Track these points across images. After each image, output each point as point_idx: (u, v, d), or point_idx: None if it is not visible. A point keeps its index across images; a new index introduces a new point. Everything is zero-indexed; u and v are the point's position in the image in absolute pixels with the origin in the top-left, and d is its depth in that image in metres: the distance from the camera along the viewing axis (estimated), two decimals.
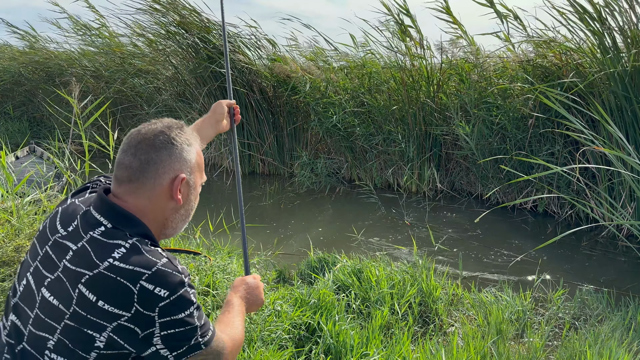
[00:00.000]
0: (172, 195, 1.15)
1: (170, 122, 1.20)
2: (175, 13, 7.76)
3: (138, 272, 1.00)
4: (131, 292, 0.99)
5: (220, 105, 1.73)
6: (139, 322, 1.00)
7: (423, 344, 2.82)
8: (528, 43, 5.81)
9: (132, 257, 1.02)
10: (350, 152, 7.50)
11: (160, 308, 1.01)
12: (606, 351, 2.65)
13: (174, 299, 1.02)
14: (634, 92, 4.86)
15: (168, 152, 1.14)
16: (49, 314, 1.02)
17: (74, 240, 1.06)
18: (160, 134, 1.15)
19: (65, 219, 1.12)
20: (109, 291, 0.99)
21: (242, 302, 1.38)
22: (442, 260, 4.61)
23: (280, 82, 7.67)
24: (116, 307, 0.99)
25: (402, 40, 6.61)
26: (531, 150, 5.90)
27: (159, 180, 1.13)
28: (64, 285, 1.02)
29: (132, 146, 1.14)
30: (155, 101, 9.12)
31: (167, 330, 1.03)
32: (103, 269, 1.00)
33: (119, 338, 1.00)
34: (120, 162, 1.14)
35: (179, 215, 1.19)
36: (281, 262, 4.35)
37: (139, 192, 1.12)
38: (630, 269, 4.56)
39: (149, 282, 1.00)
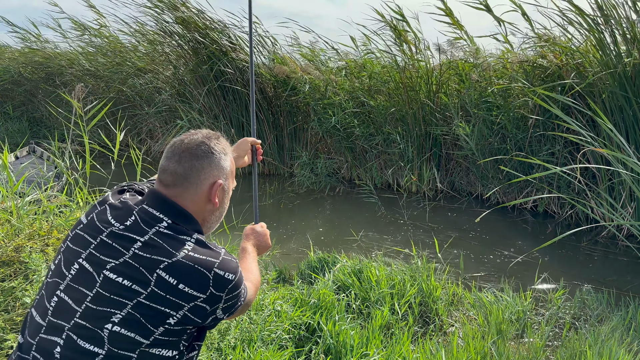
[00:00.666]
0: (210, 198, 1.31)
1: (209, 133, 1.35)
2: (176, 11, 7.76)
3: (211, 261, 1.19)
4: (207, 277, 1.17)
5: (246, 142, 1.87)
6: (210, 301, 1.19)
7: (423, 344, 2.82)
8: (528, 43, 5.81)
9: (202, 249, 1.21)
10: (350, 152, 7.50)
11: (229, 289, 1.21)
12: (606, 351, 2.65)
13: (237, 280, 1.23)
14: (633, 93, 4.86)
15: (208, 160, 1.30)
16: (116, 292, 1.14)
17: (138, 233, 1.21)
18: (201, 144, 1.30)
19: (119, 215, 1.25)
20: (189, 276, 1.16)
21: (254, 248, 1.66)
22: (442, 260, 4.61)
23: (280, 82, 7.68)
24: (195, 290, 1.16)
25: (398, 45, 6.61)
26: (531, 150, 5.90)
27: (200, 185, 1.29)
28: (138, 270, 1.15)
29: (176, 154, 1.29)
30: (155, 101, 9.13)
31: (228, 303, 1.24)
32: (181, 257, 1.17)
33: (192, 315, 1.17)
34: (165, 168, 1.29)
35: (214, 217, 1.37)
36: (281, 262, 4.35)
37: (183, 195, 1.28)
38: (630, 268, 4.56)
39: (220, 269, 1.20)
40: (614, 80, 4.97)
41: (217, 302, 1.21)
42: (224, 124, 8.23)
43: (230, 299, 1.25)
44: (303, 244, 4.97)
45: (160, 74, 9.22)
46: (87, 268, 1.19)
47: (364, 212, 6.26)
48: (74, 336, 1.12)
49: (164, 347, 1.17)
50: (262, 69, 7.71)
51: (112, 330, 1.12)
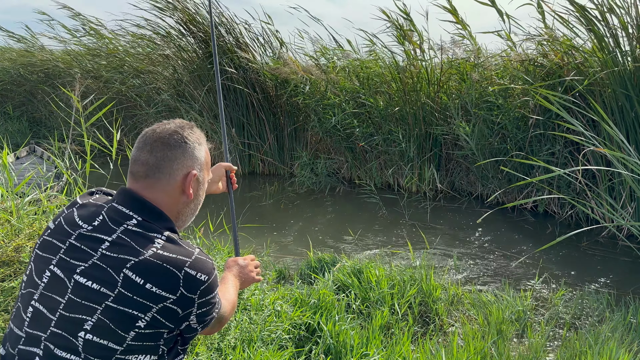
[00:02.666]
0: (185, 190, 1.26)
1: (182, 123, 1.30)
2: (180, 12, 7.76)
3: (182, 260, 1.13)
4: (177, 277, 1.11)
5: (220, 168, 1.80)
6: (181, 303, 1.12)
7: (423, 344, 2.82)
8: (529, 42, 5.80)
9: (172, 247, 1.15)
10: (350, 152, 7.50)
11: (201, 291, 1.15)
12: (606, 351, 2.65)
13: (210, 282, 1.17)
14: (635, 92, 4.86)
15: (182, 150, 1.25)
16: (86, 296, 1.10)
17: (105, 232, 1.16)
18: (174, 134, 1.25)
19: (86, 216, 1.20)
20: (157, 276, 1.10)
21: (236, 279, 1.55)
22: (442, 260, 4.61)
23: (281, 82, 7.67)
24: (164, 290, 1.10)
25: (401, 44, 6.60)
26: (532, 150, 5.90)
27: (173, 176, 1.24)
28: (105, 271, 1.10)
29: (147, 144, 1.24)
30: (155, 101, 9.13)
31: (202, 309, 1.18)
32: (148, 255, 1.11)
33: (162, 317, 1.11)
34: (136, 159, 1.24)
35: (189, 209, 1.31)
36: (281, 262, 4.35)
37: (155, 187, 1.23)
38: (630, 269, 4.56)
39: (192, 269, 1.13)
40: (615, 79, 4.96)
41: (189, 305, 1.14)
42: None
43: (203, 304, 1.18)
44: (303, 244, 4.97)
45: (160, 74, 9.22)
46: (58, 274, 1.14)
47: (365, 212, 6.26)
48: (51, 346, 1.09)
49: (141, 352, 1.11)
50: (263, 69, 7.71)
51: (85, 338, 1.08)
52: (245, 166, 8.37)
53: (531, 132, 5.80)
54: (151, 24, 8.48)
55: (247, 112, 8.13)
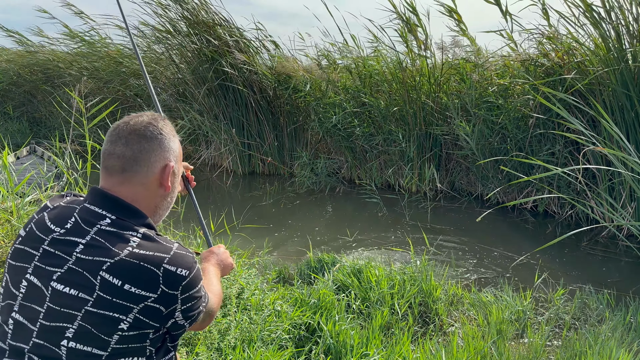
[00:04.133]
0: (162, 182, 1.23)
1: (154, 115, 1.27)
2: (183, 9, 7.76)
3: (159, 257, 1.10)
4: (156, 275, 1.08)
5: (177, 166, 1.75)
6: (164, 301, 1.10)
7: (423, 344, 2.82)
8: (531, 41, 5.80)
9: (149, 244, 1.12)
10: (351, 152, 7.50)
11: (183, 286, 1.12)
12: (606, 351, 2.65)
13: (192, 277, 1.14)
14: (635, 91, 4.86)
15: (158, 142, 1.22)
16: (65, 303, 1.06)
17: (78, 234, 1.12)
18: (149, 125, 1.22)
19: (58, 219, 1.16)
20: (134, 275, 1.07)
21: (216, 268, 1.52)
22: (442, 260, 4.61)
23: (281, 81, 7.67)
24: (143, 289, 1.07)
25: (404, 41, 6.59)
26: (532, 150, 5.90)
27: (151, 168, 1.21)
28: (82, 275, 1.07)
29: (122, 137, 1.19)
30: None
31: (186, 304, 1.15)
32: (125, 256, 1.08)
33: (145, 317, 1.08)
34: (111, 153, 1.20)
35: (166, 202, 1.28)
36: (281, 262, 4.35)
37: (132, 181, 1.19)
38: (630, 268, 4.56)
39: (171, 265, 1.10)
40: (615, 78, 4.96)
41: (172, 302, 1.12)
42: (224, 124, 8.23)
43: (188, 300, 1.15)
44: (303, 244, 4.97)
45: (160, 74, 9.22)
46: (35, 283, 1.10)
47: (365, 212, 6.26)
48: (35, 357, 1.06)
49: (127, 355, 1.08)
50: (263, 69, 7.71)
51: (68, 346, 1.04)
52: (245, 166, 8.38)
53: (531, 132, 5.80)
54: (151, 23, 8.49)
55: (246, 112, 8.13)
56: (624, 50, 4.88)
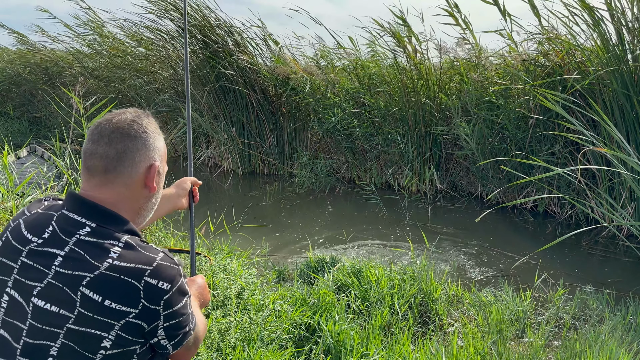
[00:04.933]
0: (147, 183, 1.16)
1: (138, 111, 1.20)
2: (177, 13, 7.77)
3: (140, 269, 1.03)
4: (137, 289, 1.01)
5: (185, 182, 1.66)
6: (145, 317, 1.03)
7: (423, 344, 2.82)
8: (531, 41, 5.80)
9: (131, 255, 1.04)
10: (350, 152, 7.50)
11: (165, 301, 1.04)
12: (606, 351, 2.65)
13: (175, 291, 1.06)
14: (635, 91, 4.86)
15: (143, 140, 1.15)
16: (47, 321, 1.01)
17: (57, 245, 1.05)
18: (133, 123, 1.15)
19: (35, 228, 1.09)
20: (115, 290, 1.01)
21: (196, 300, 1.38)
22: (441, 260, 4.61)
23: (281, 82, 7.68)
24: (123, 304, 1.01)
25: (400, 47, 6.61)
26: (532, 150, 5.90)
27: (136, 168, 1.14)
28: (62, 291, 1.01)
29: (104, 135, 1.12)
30: (155, 101, 9.13)
31: (170, 321, 1.07)
32: (104, 269, 1.01)
33: (127, 334, 1.02)
34: (93, 152, 1.12)
35: (150, 204, 1.21)
36: (281, 262, 4.35)
37: (116, 182, 1.12)
38: (630, 268, 4.56)
39: (152, 277, 1.03)
40: (615, 79, 4.96)
41: (154, 318, 1.04)
42: (224, 124, 8.23)
43: (172, 316, 1.06)
44: (303, 244, 4.98)
45: (160, 74, 9.23)
46: (16, 298, 1.04)
47: (365, 212, 6.26)
48: None
49: None
50: (263, 69, 7.71)
51: None
52: (245, 166, 8.38)
53: (531, 132, 5.80)
54: (151, 22, 8.49)
55: (246, 112, 8.13)
56: (624, 50, 4.88)
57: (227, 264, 3.18)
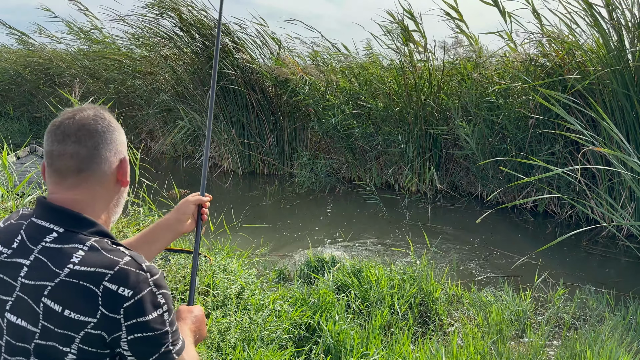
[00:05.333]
0: (120, 178, 1.12)
1: (96, 107, 1.15)
2: (176, 13, 7.77)
3: (100, 273, 0.94)
4: (95, 295, 0.93)
5: (187, 206, 1.49)
6: (105, 326, 0.94)
7: (423, 343, 2.82)
8: (531, 42, 5.81)
9: (93, 259, 0.96)
10: (350, 153, 7.51)
11: (125, 309, 0.94)
12: (606, 351, 2.65)
13: (139, 299, 0.95)
14: (635, 91, 4.86)
15: (111, 135, 1.10)
16: (19, 337, 0.96)
17: (24, 255, 0.99)
18: (97, 118, 1.10)
19: (5, 239, 1.04)
20: (73, 298, 0.93)
21: (191, 333, 1.26)
22: (441, 260, 4.61)
23: (281, 83, 7.68)
24: (82, 314, 0.93)
25: (404, 45, 6.60)
26: (531, 150, 5.90)
27: (108, 164, 1.09)
28: (27, 304, 0.95)
29: (70, 134, 1.06)
30: (155, 102, 9.13)
31: (134, 334, 0.96)
32: (64, 276, 0.94)
33: (89, 347, 0.94)
34: (61, 153, 1.05)
35: (122, 199, 1.17)
36: (281, 262, 4.35)
37: (91, 181, 1.07)
38: (630, 268, 4.57)
39: (112, 282, 0.94)
40: (615, 78, 4.97)
41: (115, 328, 0.94)
42: (224, 124, 8.23)
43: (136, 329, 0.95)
44: (303, 244, 4.98)
45: (159, 75, 9.23)
46: None
47: (365, 212, 6.26)
48: None
49: None
50: (263, 70, 7.72)
51: None
52: (245, 166, 8.38)
53: (531, 132, 5.80)
54: (152, 24, 8.49)
55: (246, 112, 8.13)
56: (624, 50, 4.88)
57: (227, 264, 3.18)
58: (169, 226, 1.46)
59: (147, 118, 9.72)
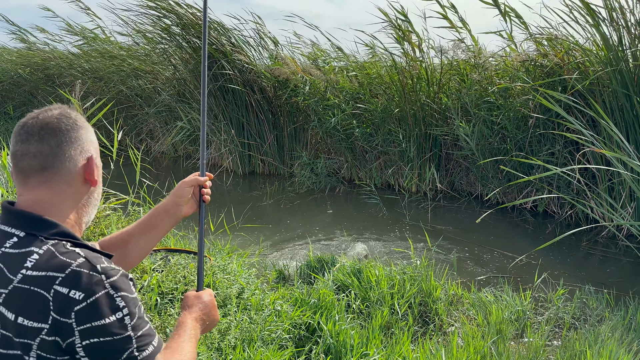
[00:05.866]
0: (88, 177, 1.10)
1: (63, 106, 1.14)
2: (173, 13, 7.77)
3: (51, 277, 0.91)
4: (46, 300, 0.90)
5: (183, 186, 1.41)
6: (58, 331, 0.91)
7: (423, 343, 2.82)
8: (531, 41, 5.81)
9: (46, 263, 0.93)
10: (350, 153, 7.51)
11: (77, 313, 0.90)
12: (606, 351, 2.65)
13: (91, 302, 0.91)
14: (635, 91, 4.86)
15: (76, 133, 1.09)
16: None
17: None
18: (62, 117, 1.09)
19: None
20: (25, 305, 0.91)
21: (197, 324, 1.22)
22: (441, 260, 4.61)
23: (280, 83, 7.68)
24: (35, 320, 0.90)
25: (400, 45, 6.61)
26: (531, 150, 5.90)
27: (74, 162, 1.08)
28: None
29: (34, 133, 1.05)
30: (155, 101, 9.13)
31: (89, 340, 0.91)
32: (17, 282, 0.92)
33: (48, 354, 0.91)
34: (25, 153, 1.04)
35: (93, 199, 1.14)
36: (281, 262, 4.35)
37: (55, 179, 1.05)
38: (630, 268, 4.57)
39: (63, 286, 0.91)
40: (615, 79, 4.97)
41: (68, 334, 0.90)
42: (224, 124, 8.23)
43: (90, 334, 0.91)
44: (303, 244, 4.98)
45: (160, 74, 9.22)
46: None
47: (365, 212, 6.26)
48: None
49: None
50: (262, 70, 7.71)
51: None
52: (245, 166, 8.38)
53: (531, 132, 5.80)
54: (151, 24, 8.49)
55: (246, 112, 8.13)
56: (624, 50, 4.88)
57: (227, 264, 3.18)
58: (167, 211, 1.41)
59: (147, 118, 9.72)
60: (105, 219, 3.42)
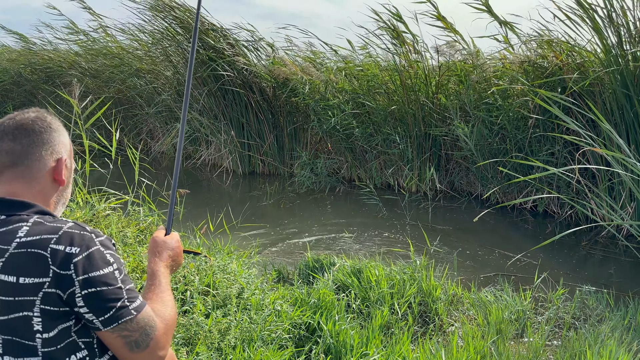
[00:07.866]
0: (56, 177, 1.18)
1: (40, 110, 1.23)
2: (173, 15, 7.78)
3: (46, 239, 1.02)
4: (44, 257, 1.01)
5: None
6: (59, 283, 1.00)
7: (423, 343, 2.82)
8: (530, 42, 5.80)
9: (37, 229, 1.04)
10: (350, 153, 7.51)
11: (75, 264, 1.01)
12: (606, 351, 2.65)
13: (87, 255, 1.03)
14: (635, 91, 4.86)
15: (48, 135, 1.18)
16: None
17: None
18: (37, 119, 1.18)
19: None
20: (24, 265, 1.00)
21: (167, 270, 1.29)
22: (441, 260, 4.61)
23: (280, 83, 7.68)
24: (36, 277, 1.00)
25: (398, 45, 6.61)
26: (531, 150, 5.90)
27: (44, 162, 1.16)
28: None
29: (8, 133, 1.15)
30: (155, 101, 9.13)
31: (88, 289, 1.02)
32: (13, 249, 1.02)
33: (49, 306, 1.00)
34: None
35: (62, 199, 1.23)
36: (281, 262, 4.35)
37: (25, 175, 1.14)
38: (630, 269, 4.57)
39: (58, 244, 1.02)
40: (615, 79, 4.97)
41: (69, 284, 1.00)
42: (224, 124, 8.23)
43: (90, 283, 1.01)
44: (303, 244, 4.98)
45: (160, 74, 9.22)
46: None
47: (365, 212, 6.26)
48: None
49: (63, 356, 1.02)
50: (261, 71, 7.71)
51: None
52: (245, 166, 8.38)
53: (530, 133, 5.80)
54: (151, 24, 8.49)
55: (246, 112, 8.13)
56: (624, 51, 4.88)
57: (227, 264, 3.18)
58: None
59: (147, 118, 9.72)
60: (105, 219, 3.42)
